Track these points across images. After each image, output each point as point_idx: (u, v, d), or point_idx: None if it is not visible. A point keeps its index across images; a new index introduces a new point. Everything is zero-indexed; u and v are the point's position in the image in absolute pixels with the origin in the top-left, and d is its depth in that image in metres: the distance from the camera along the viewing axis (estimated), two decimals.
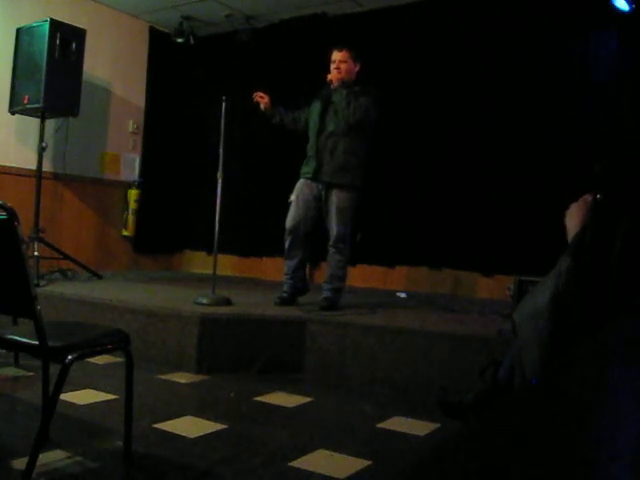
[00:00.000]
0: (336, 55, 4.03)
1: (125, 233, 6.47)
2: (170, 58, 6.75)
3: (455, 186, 5.30)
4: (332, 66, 4.03)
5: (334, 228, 3.95)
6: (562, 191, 4.71)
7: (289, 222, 4.04)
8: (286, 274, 4.12)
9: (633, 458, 0.56)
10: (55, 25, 4.96)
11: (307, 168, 4.05)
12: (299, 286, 4.12)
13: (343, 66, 4.00)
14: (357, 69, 4.08)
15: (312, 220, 4.03)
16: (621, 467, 0.55)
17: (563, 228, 2.34)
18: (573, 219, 2.33)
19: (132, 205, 6.42)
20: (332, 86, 3.98)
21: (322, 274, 4.38)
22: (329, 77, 3.97)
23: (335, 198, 3.96)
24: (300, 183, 4.08)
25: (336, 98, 3.98)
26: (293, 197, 4.07)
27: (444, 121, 5.38)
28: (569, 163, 4.62)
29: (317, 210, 4.04)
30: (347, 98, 3.94)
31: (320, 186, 4.00)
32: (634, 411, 0.72)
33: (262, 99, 4.10)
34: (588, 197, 2.30)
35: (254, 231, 6.31)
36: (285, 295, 4.08)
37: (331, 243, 3.99)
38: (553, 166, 4.77)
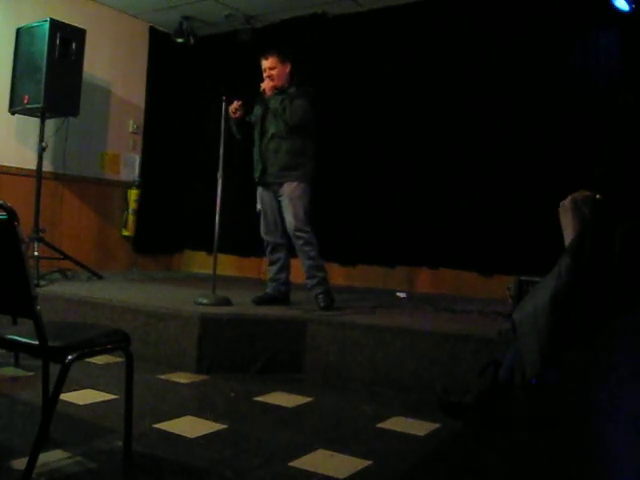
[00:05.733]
0: (264, 63, 4.09)
1: (125, 233, 6.47)
2: (170, 58, 6.75)
3: (455, 186, 5.30)
4: (264, 74, 4.08)
5: (290, 221, 4.00)
6: (562, 191, 4.72)
7: (262, 232, 4.20)
8: (269, 277, 4.24)
9: (631, 458, 0.56)
10: (55, 25, 4.96)
11: (255, 172, 4.15)
12: (282, 289, 4.19)
13: (274, 72, 4.05)
14: (288, 69, 4.12)
15: (283, 219, 4.10)
16: (620, 467, 0.55)
17: (559, 225, 2.37)
18: (565, 217, 2.38)
19: (132, 205, 6.42)
20: (266, 96, 4.06)
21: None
22: (262, 87, 4.04)
23: (285, 191, 4.03)
24: (259, 190, 4.20)
25: (272, 104, 4.06)
26: (259, 206, 4.19)
27: (443, 120, 5.38)
28: (569, 163, 4.62)
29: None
30: (282, 104, 4.00)
31: (270, 187, 4.11)
32: (634, 412, 0.72)
33: (235, 113, 4.08)
34: (577, 195, 2.35)
35: (254, 231, 6.30)
36: (265, 295, 4.15)
37: (294, 237, 4.02)
38: (553, 166, 4.77)
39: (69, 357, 1.89)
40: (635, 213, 2.18)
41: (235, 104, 4.05)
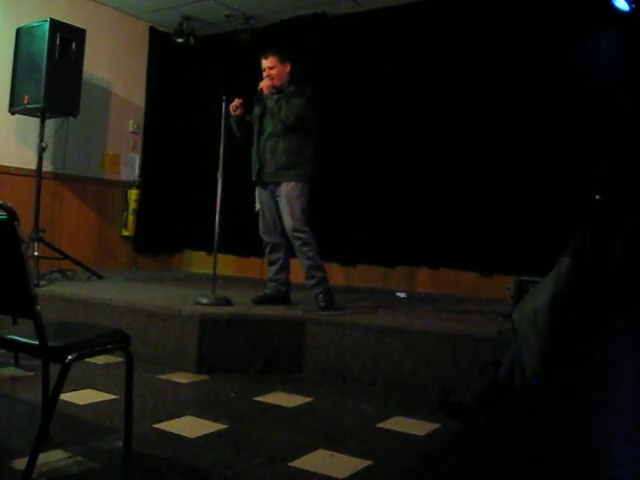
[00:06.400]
0: (264, 63, 4.09)
1: (125, 233, 6.47)
2: (170, 58, 6.75)
3: (455, 186, 5.29)
4: (263, 74, 4.08)
5: (288, 221, 4.00)
6: (562, 191, 4.73)
7: (261, 232, 4.21)
8: (269, 278, 4.24)
9: (632, 459, 0.56)
10: (55, 25, 4.95)
11: (253, 172, 4.16)
12: (282, 289, 4.19)
13: (273, 72, 4.06)
14: (288, 69, 4.13)
15: (281, 219, 4.10)
16: (621, 470, 0.55)
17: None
18: None
19: (132, 205, 6.42)
20: (264, 94, 4.06)
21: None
22: (260, 86, 4.04)
23: (282, 191, 4.03)
24: (257, 190, 4.21)
25: (269, 104, 4.07)
26: (258, 206, 4.20)
27: (443, 120, 5.38)
28: (569, 163, 4.62)
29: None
30: (279, 103, 4.01)
31: (267, 187, 4.11)
32: (634, 412, 0.72)
33: (235, 111, 4.10)
34: None
35: (254, 231, 6.30)
36: (265, 296, 4.15)
37: (293, 238, 4.02)
38: (553, 166, 4.77)
39: (69, 357, 1.90)
40: (635, 213, 2.18)
41: (236, 102, 4.06)
